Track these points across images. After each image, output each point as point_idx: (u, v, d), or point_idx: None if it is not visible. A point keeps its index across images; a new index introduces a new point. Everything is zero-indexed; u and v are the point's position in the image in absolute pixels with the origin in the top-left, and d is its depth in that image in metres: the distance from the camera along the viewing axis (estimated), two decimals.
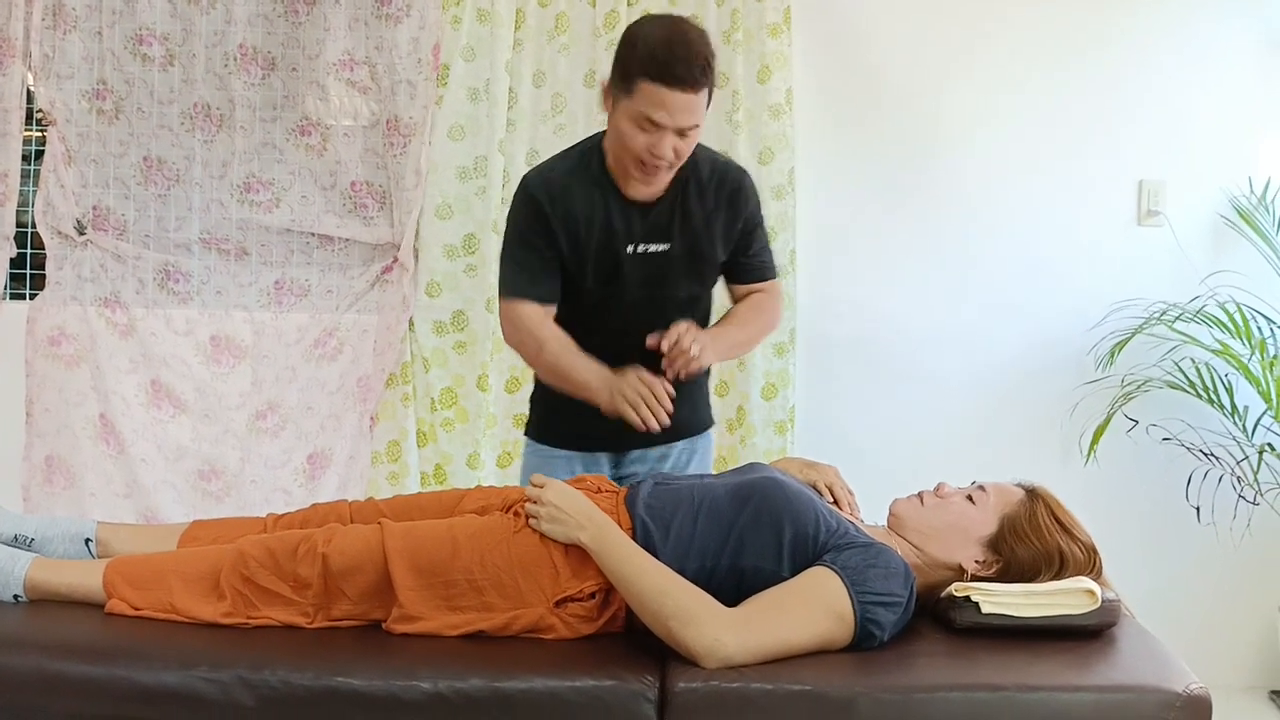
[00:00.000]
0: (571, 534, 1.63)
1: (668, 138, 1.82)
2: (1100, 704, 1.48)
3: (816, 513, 1.66)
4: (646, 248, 1.98)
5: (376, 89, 3.02)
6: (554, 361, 1.96)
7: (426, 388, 3.02)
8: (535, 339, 1.97)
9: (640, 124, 1.82)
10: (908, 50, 3.07)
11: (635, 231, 1.97)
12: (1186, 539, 3.02)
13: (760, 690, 1.48)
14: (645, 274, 1.99)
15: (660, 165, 1.86)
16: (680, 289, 2.04)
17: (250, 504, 2.98)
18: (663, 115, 1.80)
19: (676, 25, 1.83)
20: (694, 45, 1.79)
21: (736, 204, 2.02)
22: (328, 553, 1.65)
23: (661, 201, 1.97)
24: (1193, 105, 3.06)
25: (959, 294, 3.10)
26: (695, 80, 1.79)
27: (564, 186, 1.96)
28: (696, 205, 1.99)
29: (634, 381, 1.87)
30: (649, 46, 1.79)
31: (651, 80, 1.78)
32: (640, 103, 1.80)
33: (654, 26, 1.83)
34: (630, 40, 1.83)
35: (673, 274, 2.01)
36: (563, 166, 1.99)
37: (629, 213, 1.96)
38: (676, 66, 1.77)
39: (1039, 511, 1.71)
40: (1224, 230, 3.07)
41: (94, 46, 3.02)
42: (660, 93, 1.78)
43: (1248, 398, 2.94)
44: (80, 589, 1.69)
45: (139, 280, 3.08)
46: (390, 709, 1.49)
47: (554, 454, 2.12)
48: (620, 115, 1.85)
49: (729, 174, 2.02)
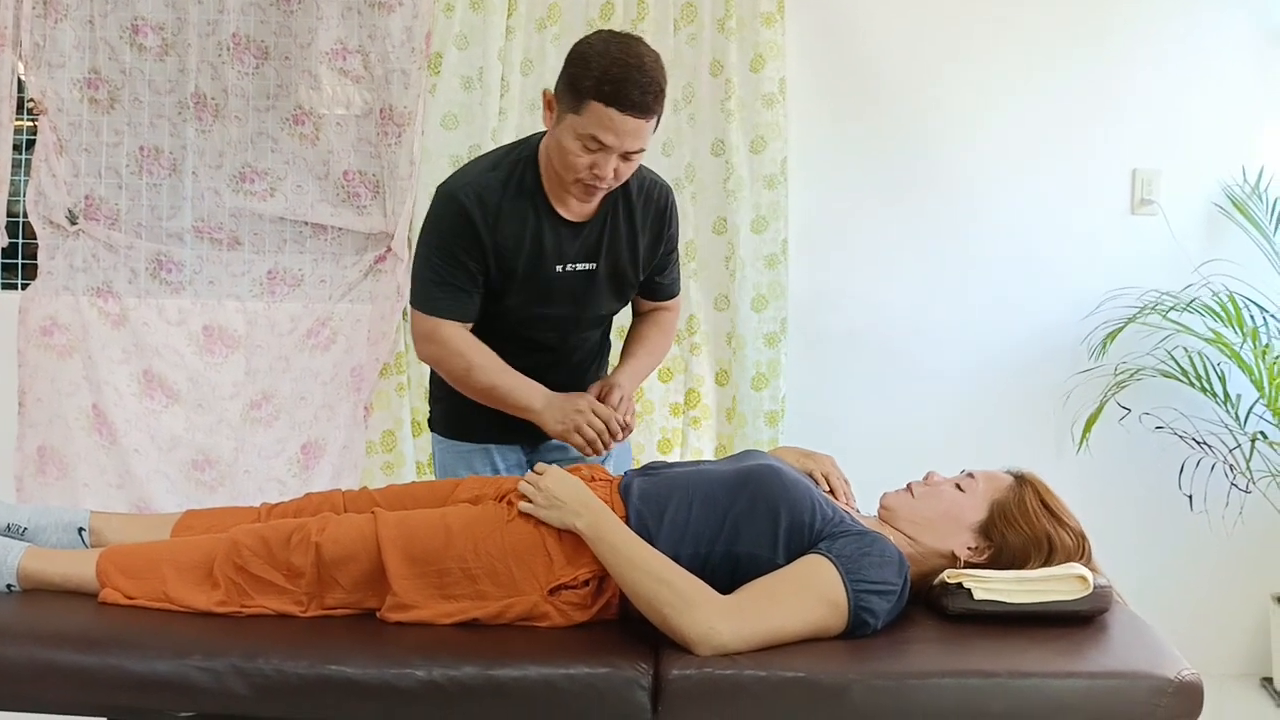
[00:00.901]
0: (567, 520, 1.63)
1: (611, 159, 1.79)
2: (1092, 690, 1.49)
3: (812, 501, 1.67)
4: (574, 266, 1.96)
5: (370, 78, 3.01)
6: (487, 383, 1.92)
7: (421, 377, 3.02)
8: (463, 360, 1.93)
9: (586, 143, 1.78)
10: (902, 40, 3.07)
11: (565, 250, 1.94)
12: (1179, 527, 3.03)
13: (753, 677, 1.49)
14: (571, 292, 1.97)
15: (600, 186, 1.84)
16: (602, 307, 2.04)
17: (244, 494, 2.98)
18: (610, 138, 1.76)
19: (633, 48, 1.77)
20: (649, 71, 1.75)
21: (661, 224, 2.01)
22: (321, 541, 1.65)
23: (592, 220, 1.95)
24: (1187, 95, 3.06)
25: (951, 284, 3.10)
26: (648, 107, 1.76)
27: (498, 203, 1.89)
28: (624, 224, 1.97)
29: (589, 416, 1.87)
30: (603, 67, 1.73)
31: (604, 102, 1.73)
32: (589, 123, 1.76)
33: (610, 46, 1.76)
34: (583, 57, 1.77)
35: (596, 292, 2.00)
36: (494, 178, 1.90)
37: (560, 231, 1.93)
38: (631, 91, 1.73)
39: (1028, 497, 1.72)
40: (1217, 219, 3.07)
41: (85, 35, 3.01)
42: (611, 116, 1.74)
43: (1240, 386, 2.95)
44: (74, 578, 1.69)
45: (131, 270, 3.07)
46: (384, 697, 1.50)
47: (470, 448, 2.09)
48: (565, 131, 1.79)
49: (655, 192, 1.99)
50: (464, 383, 1.96)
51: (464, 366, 1.93)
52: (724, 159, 2.99)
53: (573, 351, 2.07)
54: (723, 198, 2.99)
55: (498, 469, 2.08)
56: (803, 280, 3.07)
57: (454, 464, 2.11)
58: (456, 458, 2.11)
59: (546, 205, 1.92)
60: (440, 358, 1.96)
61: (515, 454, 2.10)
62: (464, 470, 2.09)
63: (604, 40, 1.79)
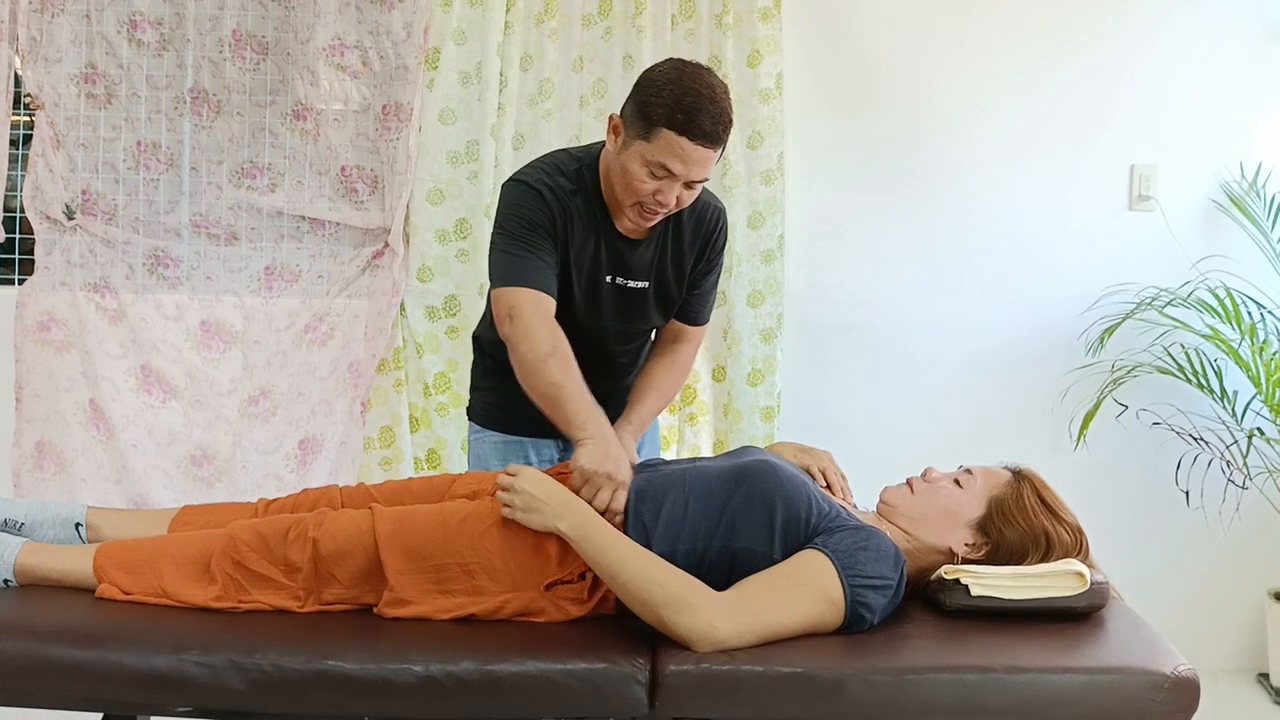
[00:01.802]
0: (549, 522, 1.62)
1: (676, 187, 1.81)
2: (1089, 685, 1.49)
3: (809, 496, 1.67)
4: (625, 282, 1.97)
5: (369, 73, 3.00)
6: (558, 379, 1.80)
7: (420, 373, 3.02)
8: (549, 339, 1.81)
9: (653, 169, 1.79)
10: (899, 35, 3.06)
11: (618, 264, 1.95)
12: (1176, 523, 3.03)
13: (751, 672, 1.49)
14: (619, 306, 1.99)
15: (659, 212, 1.85)
16: (649, 322, 2.05)
17: (241, 489, 2.98)
18: (679, 166, 1.77)
19: (704, 77, 1.78)
20: (720, 102, 1.77)
21: (705, 248, 2.01)
22: (318, 537, 1.65)
23: (646, 239, 1.96)
24: (1185, 90, 3.06)
25: (949, 279, 3.10)
26: (718, 137, 1.77)
27: (566, 207, 1.90)
28: (673, 245, 1.98)
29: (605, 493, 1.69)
30: (676, 96, 1.75)
31: (675, 130, 1.75)
32: (658, 150, 1.77)
33: (682, 75, 1.78)
34: (655, 84, 1.78)
35: (643, 309, 2.01)
36: (563, 184, 1.92)
37: (615, 244, 1.94)
38: (704, 121, 1.75)
39: (1025, 493, 1.72)
40: (1215, 215, 3.07)
41: (83, 30, 3.01)
42: (682, 144, 1.75)
43: (1237, 382, 2.95)
44: (71, 574, 1.69)
45: (129, 265, 3.06)
46: (382, 692, 1.50)
47: (505, 440, 2.09)
48: (632, 156, 1.80)
49: (707, 214, 2.00)
50: (536, 370, 1.81)
51: (548, 349, 1.80)
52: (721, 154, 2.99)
53: (613, 360, 2.08)
54: (720, 194, 2.97)
55: (530, 463, 2.08)
56: (799, 276, 3.07)
57: (487, 455, 2.11)
58: (490, 448, 2.11)
59: (606, 218, 1.93)
60: (525, 334, 1.82)
61: (549, 449, 2.10)
62: (496, 462, 2.09)
63: (676, 68, 1.80)
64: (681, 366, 2.11)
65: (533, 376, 1.82)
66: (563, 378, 1.80)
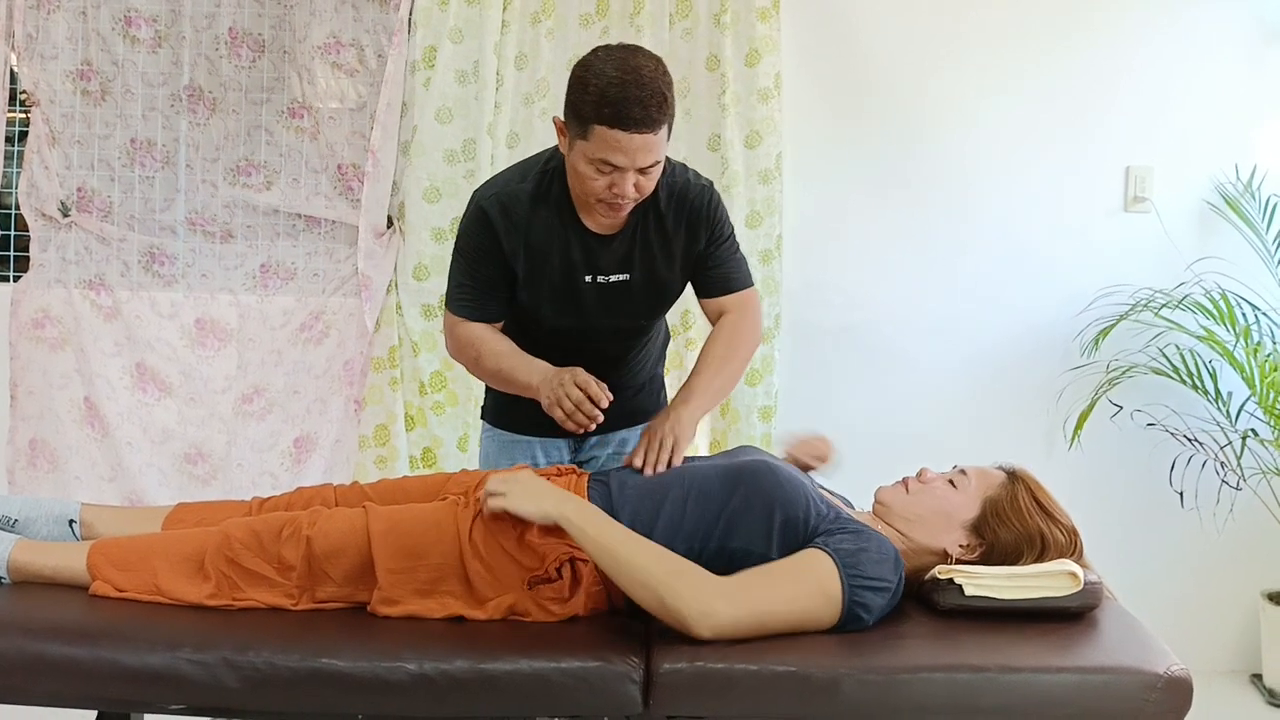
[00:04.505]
0: (546, 507, 1.60)
1: (629, 177, 1.76)
2: (1082, 685, 1.49)
3: (807, 497, 1.67)
4: (607, 278, 1.94)
5: (365, 71, 3.00)
6: (494, 367, 1.91)
7: (415, 371, 3.01)
8: (473, 349, 1.94)
9: (598, 166, 1.75)
10: (897, 36, 3.07)
11: (595, 262, 1.92)
12: (1170, 524, 3.04)
13: (745, 671, 1.49)
14: (604, 304, 1.96)
15: (622, 204, 1.81)
16: (640, 316, 2.03)
17: (236, 487, 2.98)
18: (621, 159, 1.72)
19: (629, 61, 1.71)
20: (648, 84, 1.69)
21: (696, 227, 1.95)
22: (312, 535, 1.65)
23: (621, 232, 1.92)
24: (1180, 92, 3.06)
25: (945, 279, 3.10)
26: (653, 120, 1.70)
27: (525, 215, 1.88)
28: (655, 233, 1.94)
29: (569, 387, 1.77)
30: (601, 88, 1.69)
31: (607, 125, 1.69)
32: (597, 147, 1.72)
33: (606, 65, 1.71)
34: (581, 82, 1.73)
35: (632, 302, 1.98)
36: (524, 190, 1.89)
37: (589, 243, 1.91)
38: (632, 109, 1.68)
39: (1020, 494, 1.72)
40: (1210, 217, 3.08)
41: (78, 27, 3.00)
42: (617, 137, 1.70)
43: (1232, 384, 2.96)
44: (64, 571, 1.68)
45: (124, 263, 3.06)
46: (375, 690, 1.50)
47: (514, 439, 2.09)
48: (577, 156, 1.77)
49: (687, 196, 1.94)
50: (477, 372, 1.98)
51: (473, 355, 1.94)
52: (719, 154, 2.99)
53: (618, 361, 2.05)
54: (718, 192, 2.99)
55: (538, 463, 2.07)
56: (797, 275, 3.07)
57: (496, 453, 2.11)
58: (500, 447, 2.11)
59: (574, 218, 1.90)
60: (456, 350, 1.99)
61: (559, 450, 2.09)
62: (505, 461, 2.09)
63: (600, 59, 1.74)
64: (737, 333, 1.99)
65: (480, 376, 2.00)
66: (496, 363, 1.92)
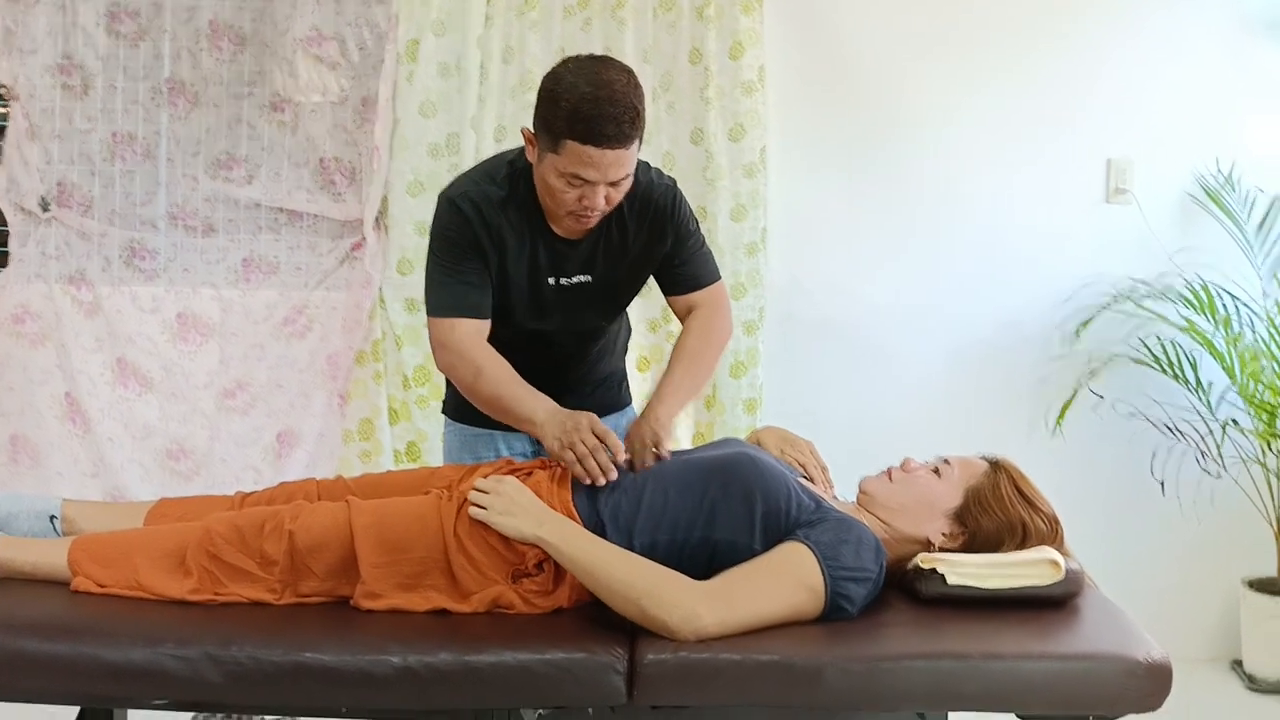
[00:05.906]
0: (525, 528, 1.61)
1: (599, 190, 1.75)
2: (1063, 672, 1.50)
3: (789, 487, 1.67)
4: (570, 280, 1.93)
5: (347, 64, 2.99)
6: (493, 391, 1.85)
7: (399, 365, 3.01)
8: (472, 364, 1.86)
9: (569, 180, 1.73)
10: (880, 28, 3.07)
11: (560, 265, 1.92)
12: (1150, 512, 3.06)
13: (729, 660, 1.49)
14: (567, 304, 1.96)
15: (591, 215, 1.81)
16: (600, 317, 2.03)
17: (219, 483, 2.96)
18: (592, 173, 1.72)
19: (601, 75, 1.70)
20: (620, 100, 1.68)
21: (661, 227, 1.95)
22: (294, 529, 1.64)
23: (587, 236, 1.92)
24: (1162, 84, 3.08)
25: (928, 271, 3.11)
26: (625, 136, 1.70)
27: (496, 218, 1.87)
28: (617, 235, 1.93)
29: (586, 435, 1.73)
30: (573, 104, 1.68)
31: (579, 141, 1.69)
32: (568, 162, 1.71)
33: (578, 79, 1.70)
34: (552, 95, 1.71)
35: (593, 303, 1.98)
36: (494, 191, 1.88)
37: (555, 246, 1.91)
38: (605, 126, 1.67)
39: (1002, 483, 1.73)
40: (1191, 209, 3.10)
41: (58, 20, 2.98)
42: (589, 153, 1.69)
43: (1212, 373, 2.98)
44: (45, 567, 1.67)
45: (105, 258, 3.04)
46: (359, 684, 1.49)
47: (476, 433, 2.07)
48: (547, 169, 1.76)
49: (651, 197, 1.93)
50: (472, 389, 1.89)
51: (472, 371, 1.86)
52: (703, 147, 2.99)
53: (578, 358, 2.05)
54: (702, 186, 2.99)
55: (501, 454, 2.06)
56: (781, 268, 3.08)
57: (459, 448, 2.10)
58: (462, 442, 2.09)
59: (542, 221, 1.90)
60: (450, 363, 1.90)
61: (522, 442, 2.07)
62: (469, 455, 2.07)
63: (570, 72, 1.72)
64: (709, 328, 2.00)
65: (473, 396, 1.91)
66: (496, 389, 1.86)
